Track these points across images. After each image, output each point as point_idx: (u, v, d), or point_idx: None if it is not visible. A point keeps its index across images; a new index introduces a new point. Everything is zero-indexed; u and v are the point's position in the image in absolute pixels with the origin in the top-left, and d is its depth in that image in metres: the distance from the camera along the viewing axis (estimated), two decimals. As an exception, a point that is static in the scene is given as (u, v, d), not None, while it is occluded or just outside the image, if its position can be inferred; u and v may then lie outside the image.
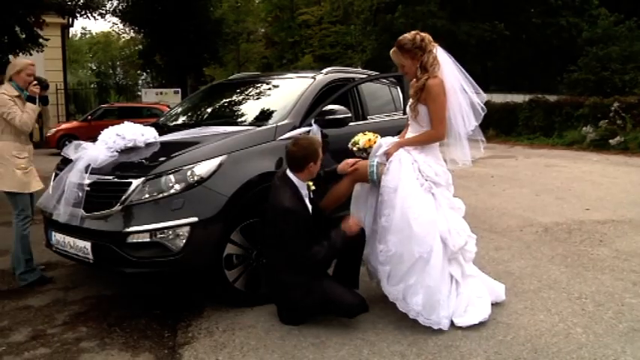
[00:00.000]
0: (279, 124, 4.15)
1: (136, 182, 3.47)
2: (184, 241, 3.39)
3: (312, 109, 4.36)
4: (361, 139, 3.91)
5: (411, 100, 3.60)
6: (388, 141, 3.73)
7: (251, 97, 5.01)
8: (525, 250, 5.10)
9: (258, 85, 5.18)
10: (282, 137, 4.03)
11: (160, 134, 4.07)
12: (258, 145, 3.90)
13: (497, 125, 18.03)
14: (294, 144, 3.49)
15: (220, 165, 3.60)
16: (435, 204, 3.43)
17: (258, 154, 3.85)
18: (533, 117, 17.47)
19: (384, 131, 4.19)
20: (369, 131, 4.05)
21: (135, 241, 3.40)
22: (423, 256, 3.31)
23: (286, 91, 4.75)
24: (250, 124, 4.31)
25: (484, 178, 9.53)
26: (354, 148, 3.92)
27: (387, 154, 3.61)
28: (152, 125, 4.47)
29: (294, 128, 4.15)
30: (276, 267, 3.42)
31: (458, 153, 3.59)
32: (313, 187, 3.56)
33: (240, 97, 5.07)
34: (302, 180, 3.47)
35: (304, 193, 3.46)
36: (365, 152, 3.85)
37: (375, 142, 3.82)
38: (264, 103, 4.75)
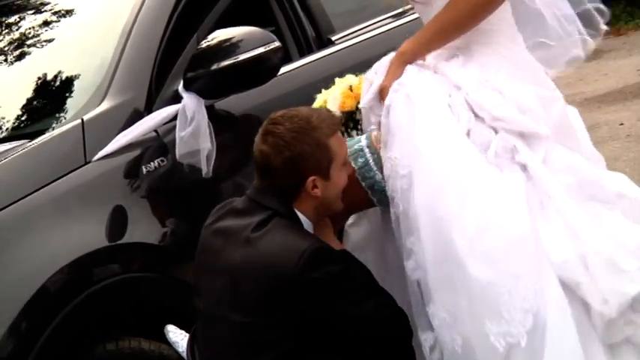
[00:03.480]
0: (86, 117, 1.64)
1: None
2: None
3: (172, 53, 1.82)
4: (330, 101, 1.57)
5: None
6: (384, 65, 1.51)
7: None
8: None
9: (10, 24, 2.24)
10: (104, 152, 1.59)
11: None
12: (40, 190, 1.48)
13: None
14: (263, 137, 1.30)
15: None
16: (531, 192, 1.28)
17: (48, 214, 1.48)
18: None
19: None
20: (344, 74, 1.67)
21: None
22: (519, 342, 1.16)
23: (85, 27, 2.09)
24: (10, 137, 1.76)
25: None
26: None
27: (381, 92, 1.45)
28: None
29: (137, 117, 1.67)
30: None
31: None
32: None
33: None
34: (308, 217, 1.34)
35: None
36: (354, 129, 1.57)
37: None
38: (35, 71, 2.01)
